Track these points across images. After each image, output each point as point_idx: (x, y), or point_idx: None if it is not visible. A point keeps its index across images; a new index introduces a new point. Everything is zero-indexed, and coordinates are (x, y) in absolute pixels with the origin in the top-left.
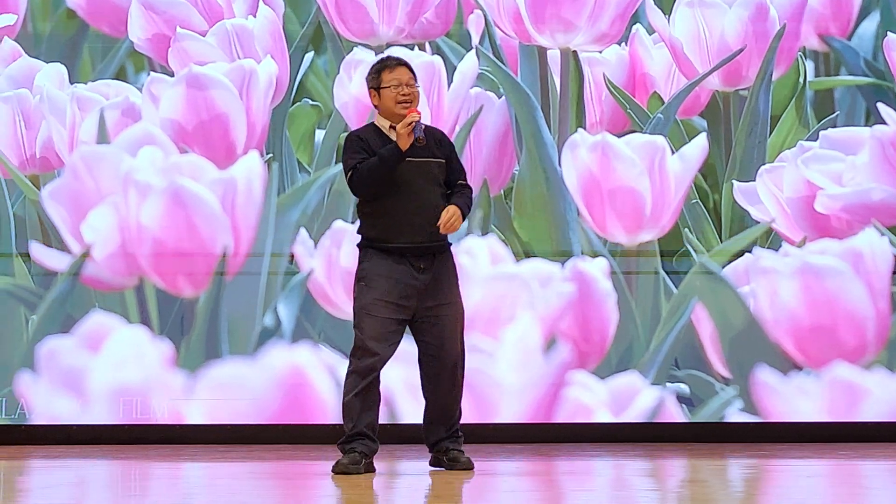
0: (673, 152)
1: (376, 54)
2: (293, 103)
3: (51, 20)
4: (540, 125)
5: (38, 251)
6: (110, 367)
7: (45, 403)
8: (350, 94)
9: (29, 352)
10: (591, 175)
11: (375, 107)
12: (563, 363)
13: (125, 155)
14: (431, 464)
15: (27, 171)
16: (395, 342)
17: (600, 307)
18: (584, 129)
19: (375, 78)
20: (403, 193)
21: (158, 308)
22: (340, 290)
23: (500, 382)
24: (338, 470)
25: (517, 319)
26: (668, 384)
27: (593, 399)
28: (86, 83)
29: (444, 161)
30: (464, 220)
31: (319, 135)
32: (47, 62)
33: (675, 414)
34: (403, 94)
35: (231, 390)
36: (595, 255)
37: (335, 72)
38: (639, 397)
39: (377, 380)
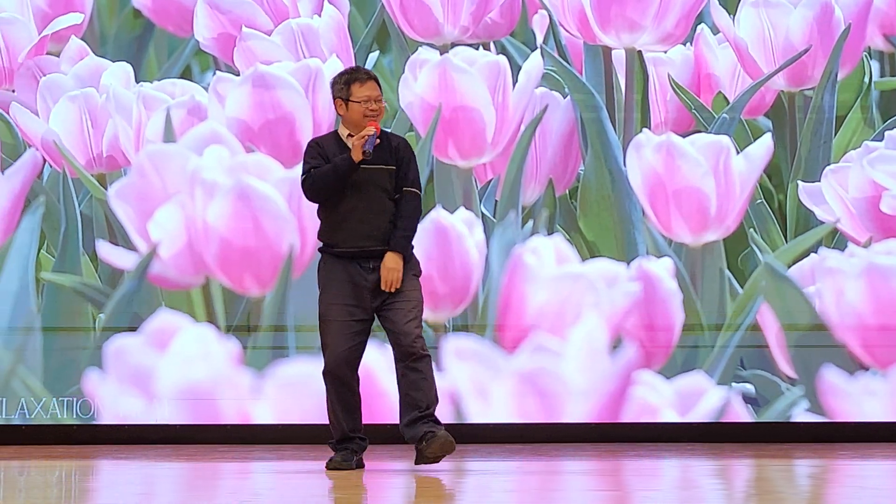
0: (738, 152)
1: (441, 54)
2: None
3: (117, 19)
4: (605, 125)
5: (106, 250)
6: (177, 365)
7: (112, 402)
8: (415, 94)
9: (97, 350)
10: (656, 175)
11: (340, 115)
12: (629, 363)
13: (191, 154)
14: (416, 462)
15: (94, 170)
16: (358, 342)
17: (666, 307)
18: (649, 129)
19: (344, 89)
20: (352, 199)
21: (225, 307)
22: None
23: (566, 382)
24: (331, 466)
25: (583, 319)
26: (733, 384)
27: (659, 399)
28: (152, 82)
29: (394, 168)
30: (411, 237)
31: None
32: (113, 61)
33: (741, 414)
34: (371, 110)
35: (298, 389)
36: (660, 254)
37: (400, 71)
38: (705, 397)
39: (350, 381)
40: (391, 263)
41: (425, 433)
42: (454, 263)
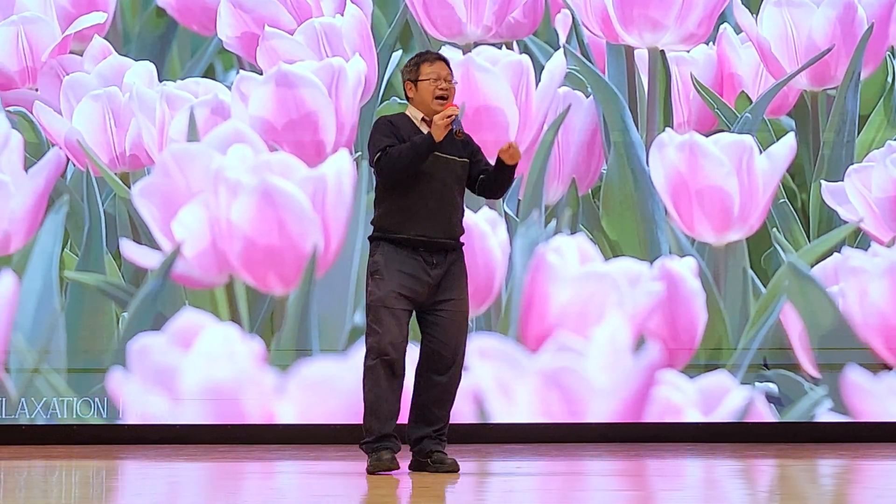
0: (761, 152)
1: (464, 53)
2: (381, 102)
3: (140, 18)
4: (628, 124)
5: (129, 249)
6: (201, 365)
7: (136, 401)
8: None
9: (120, 349)
10: (678, 174)
11: (409, 99)
12: (652, 362)
13: (215, 153)
14: (411, 467)
15: (117, 168)
16: (406, 333)
17: (689, 306)
18: (672, 128)
19: (414, 70)
20: (425, 187)
21: (248, 306)
22: None
23: (589, 381)
24: (381, 468)
25: (606, 318)
26: (756, 384)
27: (682, 398)
28: (175, 81)
29: (468, 162)
30: (511, 182)
31: None
32: (137, 60)
33: (765, 414)
34: (441, 89)
35: (322, 389)
36: (683, 254)
37: None
38: (728, 397)
39: (402, 374)
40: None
41: (432, 451)
42: (477, 263)
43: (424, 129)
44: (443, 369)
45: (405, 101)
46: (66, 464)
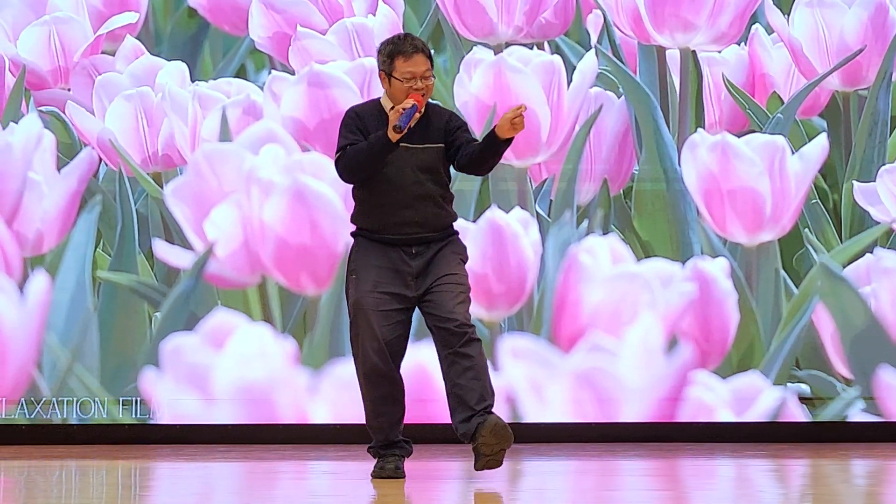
0: (793, 152)
1: (495, 54)
2: None
3: (172, 18)
4: (659, 125)
5: (162, 248)
6: (234, 365)
7: (169, 401)
8: (470, 94)
9: (153, 349)
10: (710, 175)
11: (383, 88)
12: (684, 363)
13: (247, 153)
14: (476, 467)
15: (149, 168)
16: (399, 335)
17: (721, 307)
18: (704, 128)
19: (387, 62)
20: (395, 183)
21: (281, 306)
22: None
23: (622, 382)
24: (383, 475)
25: (639, 319)
26: (789, 384)
27: (715, 399)
28: (207, 81)
29: (442, 146)
30: (498, 159)
31: None
32: (169, 60)
33: (797, 414)
34: (416, 89)
35: (355, 389)
36: (715, 254)
37: (455, 70)
38: (760, 397)
39: (392, 377)
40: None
41: (478, 425)
42: (509, 263)
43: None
44: (455, 341)
45: (436, 102)
46: (99, 464)
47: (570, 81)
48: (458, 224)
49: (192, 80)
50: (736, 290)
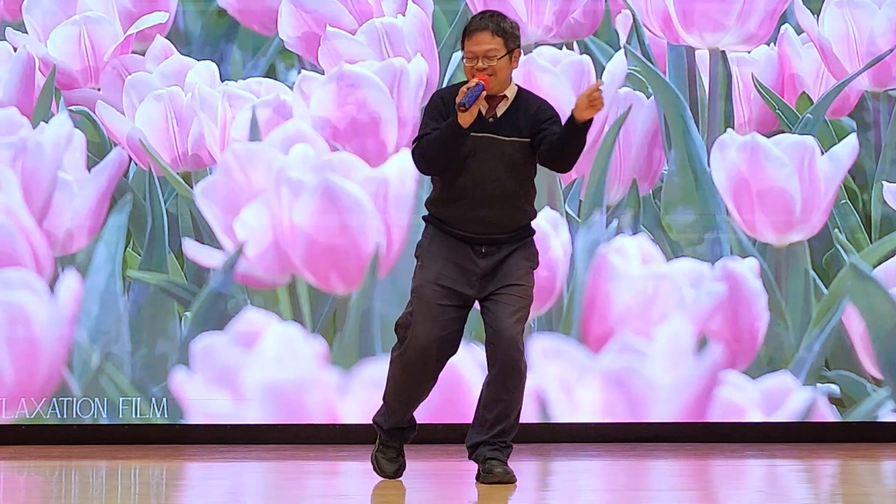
0: (822, 153)
1: (524, 53)
2: None
3: (201, 18)
4: (689, 125)
5: (192, 248)
6: (264, 364)
7: (199, 401)
8: None
9: (183, 349)
10: (740, 175)
11: None
12: (714, 363)
13: (277, 152)
14: (476, 478)
15: (179, 168)
16: (450, 332)
17: (750, 307)
18: (733, 129)
19: (461, 42)
20: (475, 178)
21: (311, 305)
22: None
23: (652, 382)
24: (376, 467)
25: (668, 319)
26: (818, 385)
27: (745, 399)
28: (236, 81)
29: (528, 140)
30: (579, 149)
31: None
32: (198, 60)
33: (827, 414)
34: (479, 69)
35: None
36: (745, 255)
37: None
38: (790, 398)
39: (431, 372)
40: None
41: (486, 459)
42: (539, 263)
43: (482, 103)
44: (497, 363)
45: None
46: (132, 464)
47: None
48: None
49: (222, 80)
50: (765, 291)
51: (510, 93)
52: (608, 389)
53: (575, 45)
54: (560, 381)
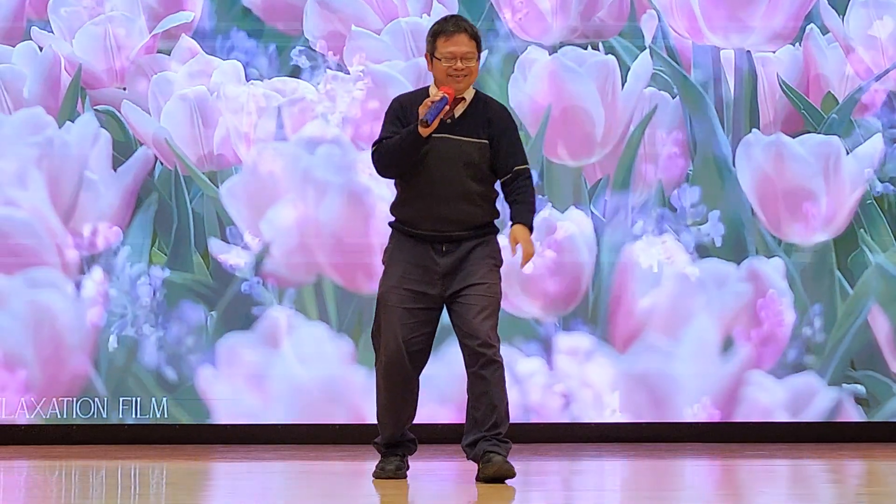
0: (847, 153)
1: (550, 53)
2: None
3: (227, 18)
4: (714, 125)
5: (218, 248)
6: (290, 364)
7: (225, 400)
8: (524, 93)
9: (209, 348)
10: (765, 175)
11: (430, 71)
12: (740, 363)
13: (303, 152)
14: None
15: (205, 168)
16: (421, 334)
17: (776, 307)
18: (758, 129)
19: (431, 43)
20: (432, 177)
21: (337, 305)
22: (518, 288)
23: (677, 382)
24: (383, 476)
25: (694, 319)
26: (844, 385)
27: (770, 399)
28: (262, 80)
29: (486, 142)
30: (534, 212)
31: None
32: (224, 60)
33: (853, 414)
34: (456, 69)
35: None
36: (770, 255)
37: (510, 70)
38: (816, 398)
39: (408, 379)
40: (524, 235)
41: (484, 452)
42: (565, 263)
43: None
44: (475, 362)
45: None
46: (159, 465)
47: (624, 82)
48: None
49: (248, 80)
50: (791, 291)
51: (468, 95)
52: (633, 389)
53: (600, 45)
54: (585, 381)
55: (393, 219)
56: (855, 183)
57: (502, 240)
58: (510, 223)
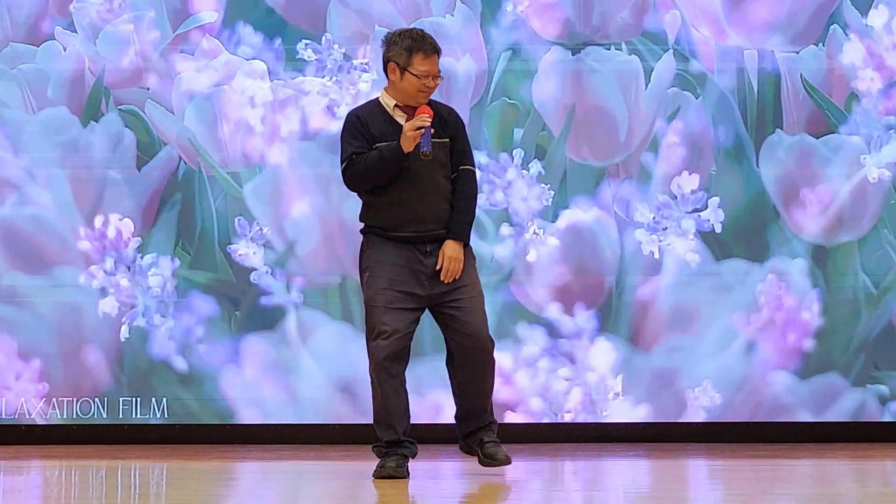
0: (871, 153)
1: (573, 54)
2: (491, 101)
3: (250, 17)
4: (737, 125)
5: (241, 247)
6: (314, 363)
7: (249, 400)
8: (548, 94)
9: (233, 348)
10: (789, 175)
11: (389, 79)
12: (763, 363)
13: (327, 152)
14: (462, 449)
15: (228, 167)
16: (409, 332)
17: (799, 307)
18: (782, 129)
19: (404, 56)
20: (406, 181)
21: (361, 304)
22: (541, 289)
23: (700, 381)
24: (383, 474)
25: (717, 319)
26: (868, 385)
27: (794, 399)
28: (285, 80)
29: (447, 140)
30: (472, 222)
31: (518, 133)
32: (247, 59)
33: (876, 414)
34: (428, 87)
35: (434, 387)
36: (794, 255)
37: (533, 71)
38: (840, 398)
39: (401, 375)
40: (453, 252)
41: (484, 442)
42: (588, 263)
43: (399, 117)
44: (473, 359)
45: (514, 102)
46: (184, 465)
47: (647, 82)
48: (539, 224)
49: (271, 79)
50: (814, 291)
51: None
52: (658, 389)
53: (623, 45)
54: (609, 380)
55: (368, 226)
56: (879, 184)
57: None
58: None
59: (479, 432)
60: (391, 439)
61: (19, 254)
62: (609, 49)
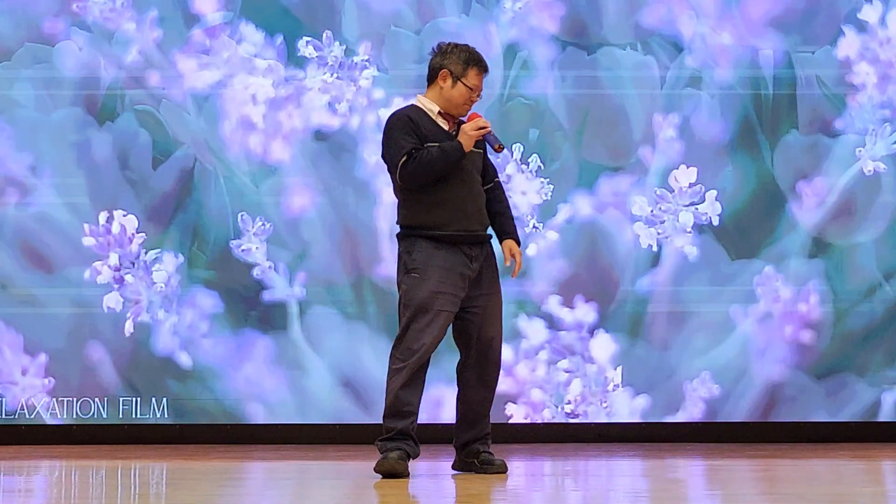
0: (887, 153)
1: (588, 54)
2: (506, 101)
3: (265, 17)
4: (752, 125)
5: (257, 247)
6: (330, 363)
7: (264, 401)
8: (563, 94)
9: (248, 348)
10: (804, 175)
11: (435, 85)
12: (778, 363)
13: (342, 152)
14: (455, 467)
15: (245, 167)
16: (443, 337)
17: (815, 308)
18: (797, 129)
19: (461, 67)
20: (455, 181)
21: (377, 304)
22: (540, 282)
23: (716, 381)
24: (386, 467)
25: (733, 319)
26: (884, 385)
27: (810, 399)
28: (300, 80)
29: (481, 151)
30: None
31: (533, 133)
32: (263, 59)
33: (892, 414)
34: (472, 100)
35: (450, 387)
36: (809, 255)
37: (549, 71)
38: (856, 398)
39: (424, 379)
40: (518, 249)
41: (479, 452)
42: (602, 262)
43: (442, 123)
44: (486, 367)
45: (528, 101)
46: (197, 465)
47: (662, 82)
48: (553, 223)
49: (286, 79)
50: (830, 291)
51: None
52: (673, 389)
53: (639, 45)
54: (623, 381)
55: (413, 226)
56: (894, 183)
57: None
58: (502, 234)
59: (476, 443)
60: (401, 429)
61: (31, 254)
62: (624, 49)
